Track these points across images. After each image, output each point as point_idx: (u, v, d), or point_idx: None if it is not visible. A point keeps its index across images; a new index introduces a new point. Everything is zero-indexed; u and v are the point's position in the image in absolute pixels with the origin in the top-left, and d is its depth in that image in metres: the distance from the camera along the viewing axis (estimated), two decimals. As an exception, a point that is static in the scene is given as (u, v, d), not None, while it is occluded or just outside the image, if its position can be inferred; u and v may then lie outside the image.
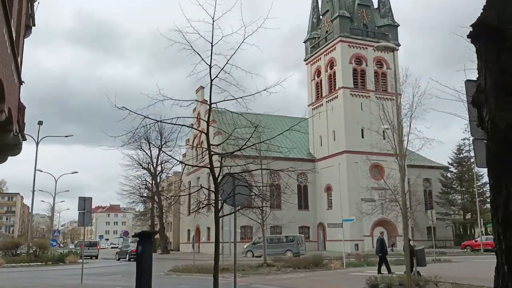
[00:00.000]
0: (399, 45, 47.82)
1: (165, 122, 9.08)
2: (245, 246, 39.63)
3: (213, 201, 9.07)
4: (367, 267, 24.04)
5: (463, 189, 55.03)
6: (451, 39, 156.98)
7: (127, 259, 40.83)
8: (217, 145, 9.46)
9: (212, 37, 9.06)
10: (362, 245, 44.35)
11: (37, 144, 35.83)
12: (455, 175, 56.55)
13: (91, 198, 19.02)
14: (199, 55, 9.10)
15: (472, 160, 53.81)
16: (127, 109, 8.68)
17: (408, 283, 14.38)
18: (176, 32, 8.88)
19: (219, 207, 8.98)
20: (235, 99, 8.99)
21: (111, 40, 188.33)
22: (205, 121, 9.32)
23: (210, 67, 9.12)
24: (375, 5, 53.55)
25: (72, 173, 51.06)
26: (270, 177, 30.14)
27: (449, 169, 57.17)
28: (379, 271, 18.98)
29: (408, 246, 15.46)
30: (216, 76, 9.10)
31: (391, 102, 30.63)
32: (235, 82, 8.99)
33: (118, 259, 42.81)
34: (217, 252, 8.84)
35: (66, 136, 40.41)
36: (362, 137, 46.91)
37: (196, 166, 11.30)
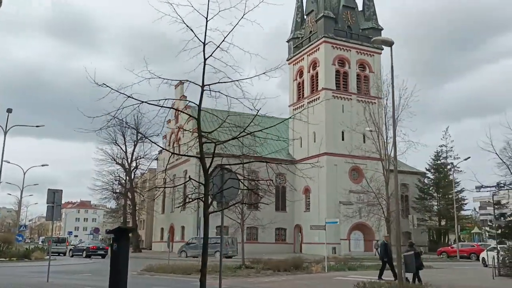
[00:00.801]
0: (390, 44, 47.31)
1: (150, 104, 8.04)
2: (180, 246, 41.08)
3: (202, 195, 8.06)
4: (349, 271, 23.41)
5: (439, 195, 55.25)
6: (430, 49, 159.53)
7: (84, 256, 39.66)
8: (209, 132, 8.45)
9: (208, 11, 8.08)
10: (339, 248, 43.87)
11: (5, 133, 33.81)
12: (432, 181, 56.75)
13: (61, 190, 17.86)
14: (191, 30, 8.13)
15: (449, 166, 54.15)
16: (108, 86, 7.63)
17: (399, 289, 13.70)
18: (164, 22, 7.88)
19: (209, 202, 7.99)
20: (232, 81, 8.03)
21: (88, 32, 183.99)
22: (197, 104, 8.30)
23: (204, 44, 8.15)
24: (360, 8, 53.26)
25: (42, 165, 48.73)
26: (250, 175, 29.14)
27: (426, 175, 57.33)
28: (395, 277, 17.68)
29: (399, 251, 14.80)
30: (211, 55, 8.13)
31: (376, 105, 29.80)
32: (232, 63, 8.03)
33: (72, 256, 41.76)
34: (206, 252, 7.84)
35: (37, 126, 38.01)
36: (343, 139, 46.45)
37: (185, 155, 10.27)
